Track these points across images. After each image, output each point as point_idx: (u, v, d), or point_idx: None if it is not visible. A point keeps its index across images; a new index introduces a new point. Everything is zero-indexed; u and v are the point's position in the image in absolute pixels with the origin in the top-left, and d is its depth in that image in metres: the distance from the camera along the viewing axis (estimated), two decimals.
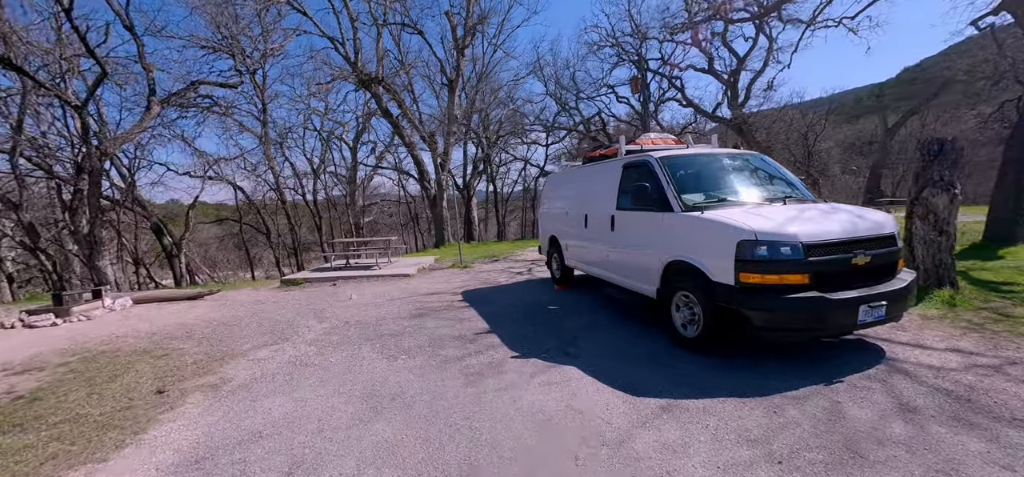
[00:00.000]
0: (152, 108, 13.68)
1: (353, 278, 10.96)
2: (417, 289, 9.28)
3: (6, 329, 7.57)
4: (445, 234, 17.07)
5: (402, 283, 10.14)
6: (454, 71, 16.40)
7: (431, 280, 10.34)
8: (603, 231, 6.29)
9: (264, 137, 19.96)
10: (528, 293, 8.15)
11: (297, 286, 10.82)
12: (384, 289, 9.52)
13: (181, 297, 9.55)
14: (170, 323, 7.50)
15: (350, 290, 9.64)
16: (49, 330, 7.52)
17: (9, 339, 6.90)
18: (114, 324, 7.63)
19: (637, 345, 4.95)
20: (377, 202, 32.45)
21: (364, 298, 8.68)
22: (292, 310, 7.96)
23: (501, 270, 11.34)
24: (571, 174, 7.96)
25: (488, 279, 10.02)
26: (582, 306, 6.85)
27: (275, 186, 20.92)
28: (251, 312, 7.99)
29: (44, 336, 7.06)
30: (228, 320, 7.50)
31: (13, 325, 7.73)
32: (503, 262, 12.83)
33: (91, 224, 12.08)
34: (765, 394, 3.61)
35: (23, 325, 7.65)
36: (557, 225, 8.24)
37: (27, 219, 12.59)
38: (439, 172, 16.28)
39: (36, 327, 7.62)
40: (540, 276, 10.00)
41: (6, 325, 7.73)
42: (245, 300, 9.32)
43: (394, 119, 16.36)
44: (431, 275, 11.08)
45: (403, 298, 8.41)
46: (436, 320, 6.54)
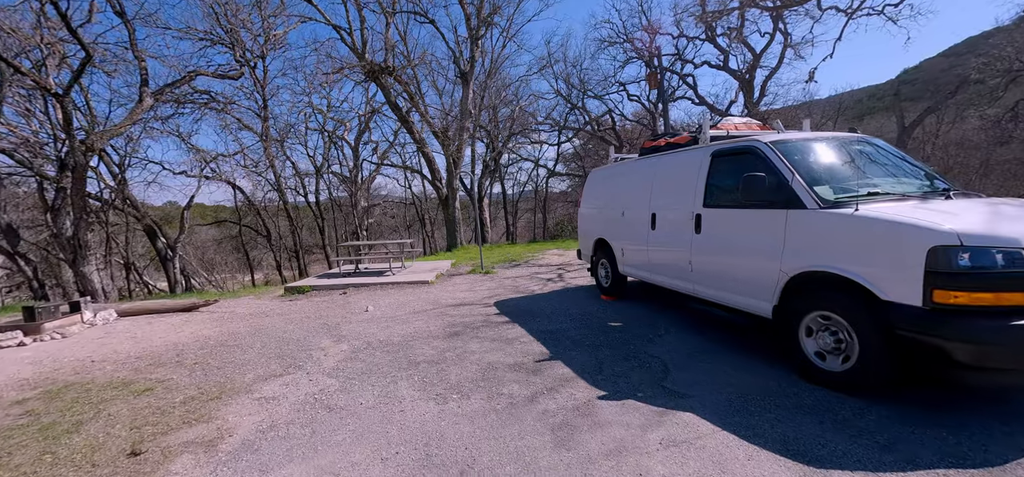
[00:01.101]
0: (144, 100, 12.45)
1: (365, 285, 9.78)
2: (440, 299, 8.12)
3: None
4: (457, 237, 15.88)
5: (421, 292, 8.97)
6: (468, 62, 15.26)
7: (454, 288, 9.17)
8: (681, 233, 5.15)
9: (265, 134, 18.72)
10: (573, 304, 7.00)
11: (303, 294, 9.63)
12: (402, 299, 8.34)
13: (174, 308, 8.34)
14: (158, 343, 6.29)
15: (364, 300, 8.46)
16: (14, 352, 6.30)
17: None
18: (93, 344, 6.42)
19: (754, 378, 3.81)
20: (380, 203, 31.21)
21: (382, 310, 7.51)
22: (301, 325, 6.77)
23: (528, 276, 10.19)
24: (625, 168, 6.81)
25: (518, 287, 8.87)
26: (651, 323, 5.70)
27: (276, 186, 19.67)
28: (253, 327, 6.79)
29: (6, 361, 5.84)
30: (227, 338, 6.31)
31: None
32: (526, 267, 11.68)
33: (75, 226, 10.83)
34: (995, 462, 2.48)
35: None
36: (606, 227, 7.10)
37: (5, 220, 11.32)
38: (452, 170, 15.10)
39: (3, 347, 6.39)
40: (576, 283, 8.85)
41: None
42: (246, 312, 8.12)
43: (403, 114, 15.18)
44: (452, 282, 9.91)
45: (428, 310, 7.24)
46: (478, 341, 5.37)
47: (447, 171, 15.31)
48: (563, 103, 25.67)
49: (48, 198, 11.48)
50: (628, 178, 6.60)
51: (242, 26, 17.23)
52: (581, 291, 8.07)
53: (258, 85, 19.54)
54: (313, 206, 23.53)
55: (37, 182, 11.93)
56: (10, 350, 6.32)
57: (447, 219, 15.95)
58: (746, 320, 4.44)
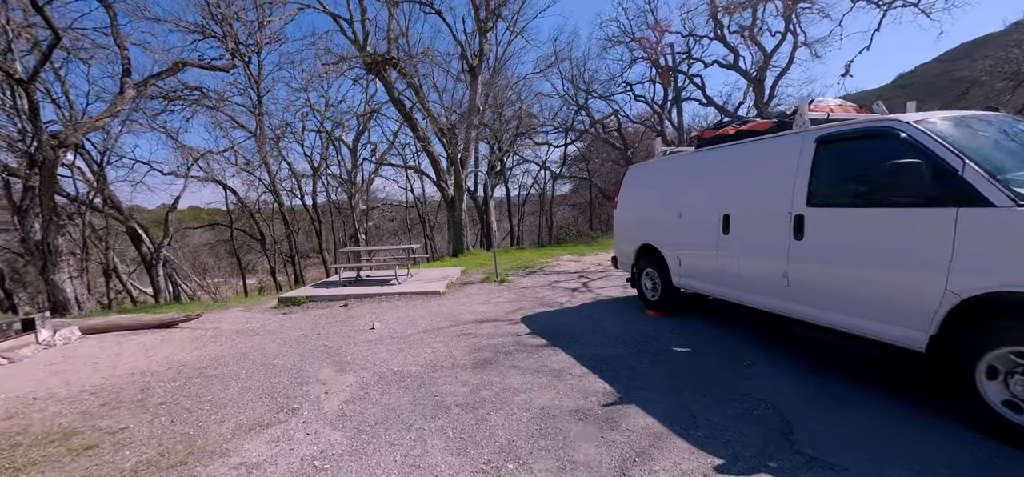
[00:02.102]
0: (125, 91, 11.29)
1: (368, 296, 8.66)
2: (457, 313, 7.03)
3: None
4: (464, 241, 14.78)
5: (433, 304, 7.87)
6: (476, 55, 14.20)
7: (469, 300, 8.08)
8: (772, 239, 4.10)
9: (259, 133, 17.54)
10: (615, 321, 5.93)
11: (298, 306, 8.50)
12: (413, 313, 7.24)
13: (149, 325, 7.18)
14: (123, 371, 5.15)
15: (368, 314, 7.35)
16: None
17: None
18: (43, 371, 5.26)
19: (922, 437, 2.76)
20: (379, 206, 30.03)
21: (390, 327, 6.40)
22: (296, 347, 5.65)
23: (548, 285, 9.12)
24: (679, 163, 5.76)
25: (541, 298, 7.80)
26: (728, 349, 4.65)
27: (271, 187, 18.47)
28: (239, 351, 5.66)
29: None
30: (206, 365, 5.18)
31: None
32: (543, 274, 10.61)
33: (44, 229, 9.64)
34: None
35: None
36: (655, 231, 6.04)
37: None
38: (458, 170, 14.00)
39: None
40: (607, 294, 7.80)
41: None
42: (232, 329, 6.98)
43: (407, 110, 14.10)
44: (465, 292, 8.82)
45: (445, 328, 6.15)
46: (518, 372, 4.29)
47: (454, 171, 14.22)
48: (568, 104, 24.70)
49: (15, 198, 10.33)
50: (685, 174, 5.55)
51: (236, 18, 16.12)
52: (618, 304, 7.01)
53: (252, 81, 18.36)
54: (310, 209, 22.32)
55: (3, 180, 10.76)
56: None
57: (453, 222, 14.86)
58: (871, 350, 3.40)
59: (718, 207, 4.85)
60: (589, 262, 12.25)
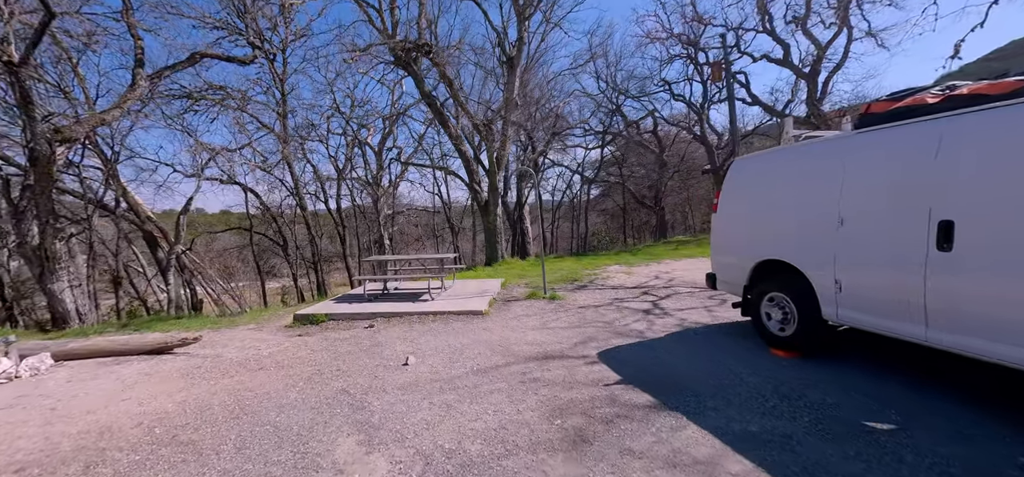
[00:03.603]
0: (137, 84, 10.18)
1: (397, 315, 7.20)
2: (510, 343, 5.48)
3: None
4: (499, 249, 13.27)
5: (477, 327, 6.35)
6: (515, 45, 12.75)
7: (519, 323, 6.53)
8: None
9: (283, 133, 16.42)
10: (735, 361, 4.29)
11: (316, 326, 7.10)
12: (455, 342, 5.72)
13: (137, 350, 5.85)
14: (78, 427, 3.77)
15: (400, 340, 5.87)
16: None
17: None
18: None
19: None
20: (404, 211, 28.81)
21: (429, 363, 4.90)
22: (308, 394, 4.19)
23: (609, 304, 7.51)
24: (838, 149, 4.04)
25: (610, 324, 6.20)
26: (960, 426, 2.98)
27: (294, 190, 17.34)
28: (235, 399, 4.22)
29: None
30: (186, 421, 3.75)
31: None
32: (596, 290, 9.00)
33: (41, 232, 8.50)
34: None
35: None
36: (791, 244, 4.37)
37: None
38: (494, 171, 12.50)
39: None
40: (694, 321, 6.15)
41: None
42: (234, 358, 5.58)
43: (438, 107, 12.73)
44: (512, 312, 7.28)
45: (500, 367, 4.61)
46: (639, 466, 2.71)
47: (489, 172, 12.73)
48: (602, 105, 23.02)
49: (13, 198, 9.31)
50: (846, 164, 3.87)
51: (260, 14, 15.05)
52: (718, 336, 5.35)
53: (276, 80, 17.31)
54: (334, 213, 21.16)
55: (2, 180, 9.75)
56: None
57: (487, 228, 13.36)
58: None
59: (924, 210, 3.18)
60: (644, 275, 10.57)
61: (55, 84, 11.19)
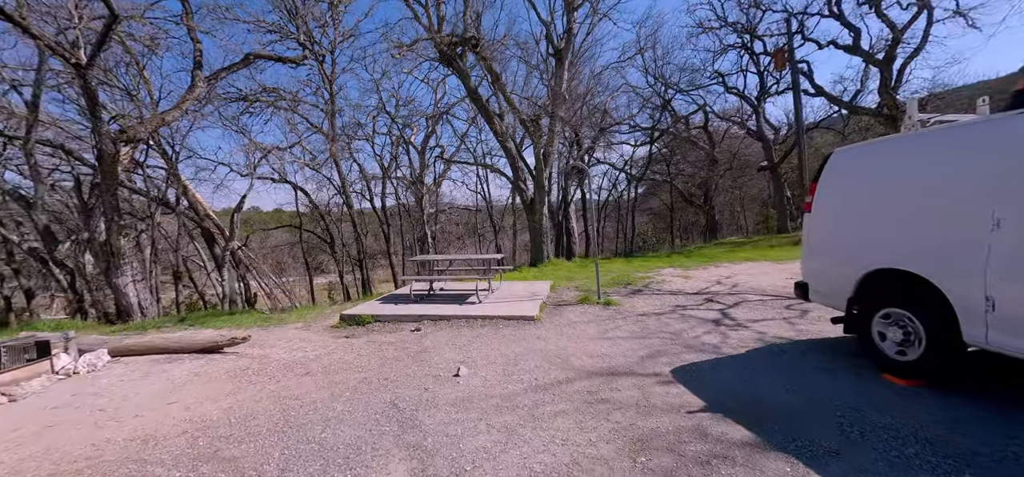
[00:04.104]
0: (196, 85, 10.40)
1: (444, 318, 6.86)
2: (568, 354, 4.98)
3: None
4: (544, 249, 12.76)
5: (529, 335, 5.89)
6: (563, 36, 12.19)
7: (574, 331, 6.01)
8: None
9: (331, 133, 16.64)
10: (856, 396, 3.58)
11: (362, 327, 6.86)
12: (507, 350, 5.28)
13: (189, 348, 5.78)
14: (123, 434, 3.60)
15: (448, 347, 5.50)
16: None
17: None
18: (30, 426, 3.84)
19: None
20: (445, 209, 28.83)
21: (482, 374, 4.48)
22: (354, 407, 3.86)
23: (671, 311, 6.85)
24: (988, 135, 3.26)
25: (679, 335, 5.57)
26: None
27: (341, 189, 17.56)
28: (281, 407, 3.95)
29: None
30: (230, 433, 3.50)
31: None
32: (653, 295, 8.32)
33: (107, 228, 8.78)
34: None
35: None
36: (915, 251, 3.62)
37: (42, 221, 9.56)
38: (541, 167, 11.98)
39: None
40: (776, 335, 5.41)
41: None
42: (281, 360, 5.39)
43: (483, 103, 12.38)
44: (565, 318, 6.77)
45: (561, 384, 4.12)
46: None
47: (535, 170, 12.24)
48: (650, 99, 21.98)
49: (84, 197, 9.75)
50: (1003, 153, 3.09)
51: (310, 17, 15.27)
52: (812, 353, 4.61)
53: (325, 80, 17.57)
54: (379, 211, 21.35)
55: (75, 179, 10.29)
56: None
57: (532, 227, 12.86)
58: None
59: None
60: (703, 279, 9.76)
61: (123, 88, 11.69)
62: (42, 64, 9.20)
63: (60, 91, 12.26)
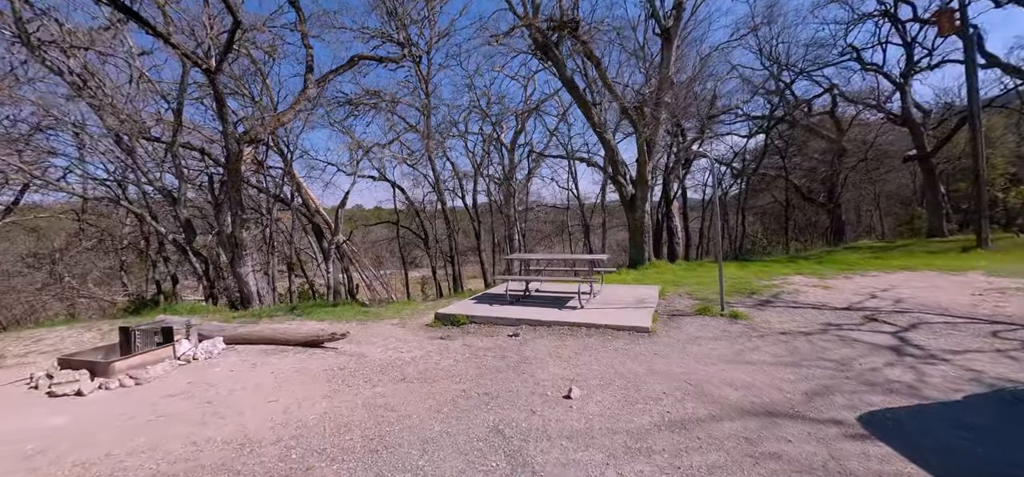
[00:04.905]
0: (308, 88, 10.92)
1: (543, 324, 6.20)
2: (701, 381, 4.04)
3: (31, 391, 4.34)
4: (646, 250, 11.59)
5: (646, 351, 5.00)
6: (671, 14, 10.89)
7: (701, 350, 5.00)
8: None
9: (426, 131, 16.95)
10: None
11: (457, 328, 6.45)
12: (622, 367, 4.47)
13: (293, 341, 5.78)
14: (228, 431, 3.43)
15: (550, 356, 4.82)
16: (64, 403, 4.07)
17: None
18: (144, 414, 3.85)
19: None
20: (533, 207, 28.36)
21: (598, 398, 3.73)
22: (454, 426, 3.32)
23: (820, 332, 5.50)
24: None
25: (843, 364, 4.33)
26: None
27: (434, 186, 17.85)
28: (375, 422, 3.55)
29: (30, 425, 3.50)
30: (326, 444, 3.15)
31: (36, 384, 4.51)
32: (786, 308, 6.91)
33: (233, 222, 9.44)
34: None
35: (48, 388, 4.35)
36: None
37: (184, 215, 10.66)
38: (644, 160, 10.79)
39: (56, 395, 4.24)
40: (999, 374, 3.95)
41: (37, 384, 4.54)
42: (378, 359, 5.10)
43: (580, 92, 11.53)
44: (684, 331, 5.75)
45: (703, 421, 3.24)
46: None
47: (638, 163, 11.10)
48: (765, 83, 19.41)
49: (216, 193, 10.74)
50: None
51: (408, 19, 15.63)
52: None
53: (421, 81, 17.96)
54: (470, 208, 21.49)
55: (208, 177, 11.40)
56: (65, 400, 4.11)
57: (632, 225, 11.72)
58: None
59: None
60: (849, 291, 8.01)
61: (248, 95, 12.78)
62: (184, 77, 10.20)
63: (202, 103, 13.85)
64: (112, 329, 6.88)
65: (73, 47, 9.68)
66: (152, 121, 11.47)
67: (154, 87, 11.49)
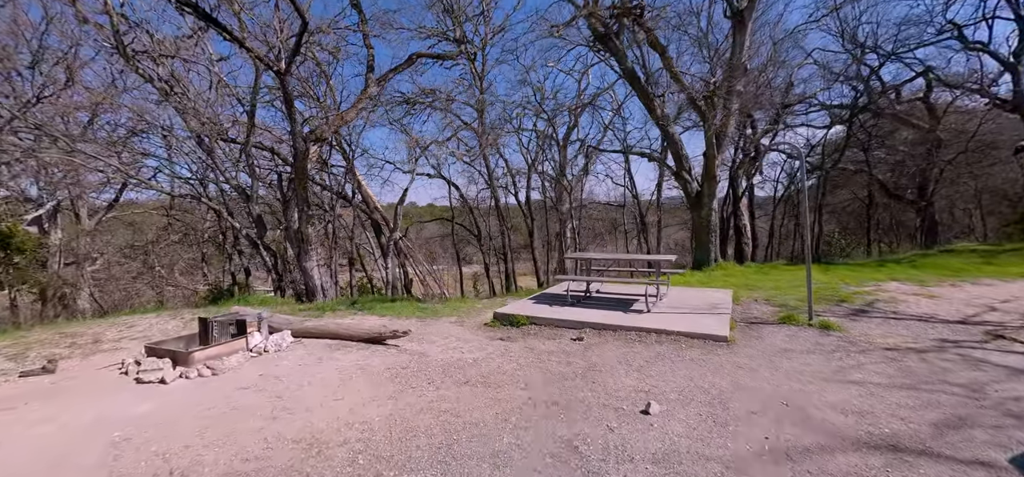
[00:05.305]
0: (369, 87, 11.15)
1: (607, 327, 5.84)
2: (800, 402, 3.56)
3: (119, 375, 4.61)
4: (711, 251, 10.82)
5: (728, 363, 4.54)
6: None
7: (791, 365, 4.46)
8: None
9: (480, 128, 16.94)
10: None
11: (517, 329, 6.24)
12: (704, 383, 4.05)
13: (357, 336, 5.81)
14: (297, 428, 3.39)
15: (620, 363, 4.48)
16: (149, 390, 4.26)
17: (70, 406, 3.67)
18: (221, 405, 3.93)
19: None
20: (585, 205, 27.72)
21: (682, 417, 3.37)
22: (524, 443, 3.09)
23: (934, 349, 4.77)
24: None
25: (974, 389, 3.70)
26: None
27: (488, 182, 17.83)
28: (442, 429, 3.39)
29: (119, 411, 3.66)
30: (393, 451, 3.03)
31: (127, 370, 4.78)
32: (886, 320, 6.11)
33: (299, 218, 9.80)
34: None
35: (136, 375, 4.59)
36: None
37: (256, 211, 11.25)
38: (713, 153, 10.02)
39: (143, 382, 4.46)
40: None
41: (127, 370, 4.82)
42: (439, 360, 4.99)
43: (642, 84, 10.93)
44: (766, 341, 5.20)
45: (812, 452, 2.80)
46: None
47: (706, 156, 10.34)
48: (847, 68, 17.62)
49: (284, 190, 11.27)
50: None
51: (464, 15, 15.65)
52: None
53: (476, 78, 17.97)
54: (523, 205, 21.32)
55: (277, 175, 11.98)
56: (150, 387, 4.32)
57: (698, 224, 10.98)
58: None
59: None
60: (960, 301, 6.99)
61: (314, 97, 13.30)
62: (257, 80, 10.73)
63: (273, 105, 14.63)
64: (193, 319, 7.30)
65: (161, 56, 10.44)
66: (228, 123, 12.19)
67: (230, 91, 12.21)
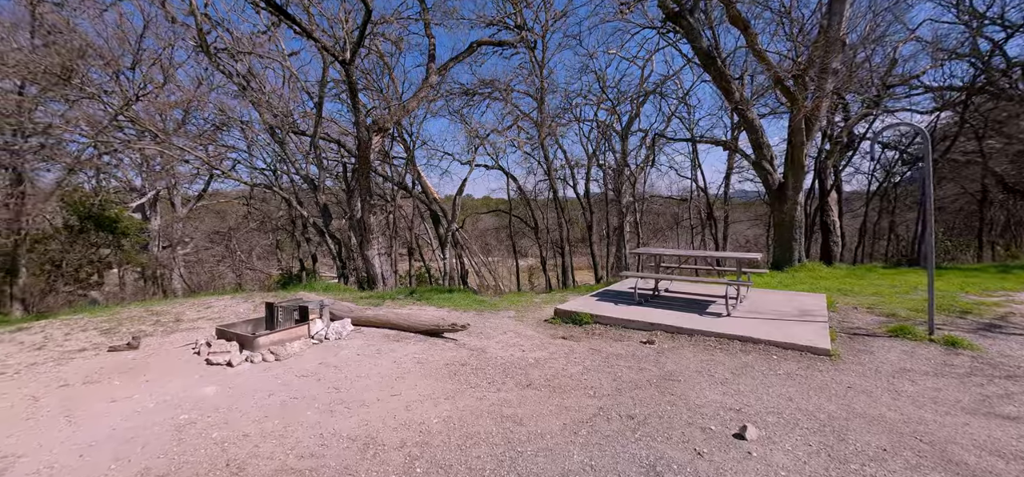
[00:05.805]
0: (430, 77, 11.11)
1: (683, 331, 5.27)
2: (943, 440, 2.87)
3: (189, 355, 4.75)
4: (796, 250, 9.67)
5: (833, 381, 3.86)
6: None
7: (915, 388, 3.71)
8: None
9: (540, 118, 16.53)
10: None
11: (580, 327, 5.83)
12: (807, 403, 3.43)
13: (417, 329, 5.67)
14: (352, 424, 3.23)
15: (701, 373, 3.95)
16: (216, 373, 4.32)
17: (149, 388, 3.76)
18: (281, 394, 3.87)
19: None
20: (647, 198, 26.47)
21: (787, 447, 2.81)
22: (598, 464, 2.69)
23: None
24: None
25: None
26: None
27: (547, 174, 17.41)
28: (503, 436, 3.07)
29: (186, 393, 3.70)
30: (452, 458, 2.75)
31: (198, 350, 4.92)
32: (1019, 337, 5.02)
33: (362, 208, 9.95)
34: None
35: (206, 355, 4.71)
36: None
37: (322, 201, 11.62)
38: (801, 140, 8.84)
39: (211, 363, 4.55)
40: None
41: (199, 350, 4.97)
42: (499, 358, 4.69)
43: (718, 66, 9.90)
44: (877, 357, 4.41)
45: None
46: None
47: (792, 144, 9.20)
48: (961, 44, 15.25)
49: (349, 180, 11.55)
50: None
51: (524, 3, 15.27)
52: None
53: (536, 66, 17.55)
54: (582, 198, 20.67)
55: (342, 166, 12.30)
56: (217, 371, 4.38)
57: (781, 220, 9.83)
58: None
59: None
60: None
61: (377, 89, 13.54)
62: (325, 73, 11.02)
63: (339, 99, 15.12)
64: (262, 302, 7.56)
65: (239, 52, 11.01)
66: (298, 116, 12.69)
67: (301, 85, 12.68)
